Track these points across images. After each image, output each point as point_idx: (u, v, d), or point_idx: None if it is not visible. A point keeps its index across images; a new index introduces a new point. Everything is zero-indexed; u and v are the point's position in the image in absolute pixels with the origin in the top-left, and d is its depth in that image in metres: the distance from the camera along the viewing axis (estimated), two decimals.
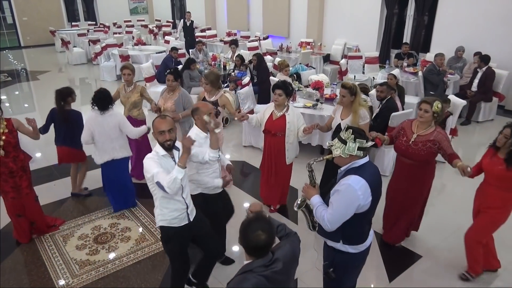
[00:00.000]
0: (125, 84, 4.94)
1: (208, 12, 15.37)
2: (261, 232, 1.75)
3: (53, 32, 15.13)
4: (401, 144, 3.47)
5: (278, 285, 1.81)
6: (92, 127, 4.05)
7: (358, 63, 9.13)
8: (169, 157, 2.73)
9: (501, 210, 3.15)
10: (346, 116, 3.95)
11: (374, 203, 2.32)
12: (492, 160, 3.11)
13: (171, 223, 2.79)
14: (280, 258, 1.85)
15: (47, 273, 3.57)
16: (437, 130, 3.37)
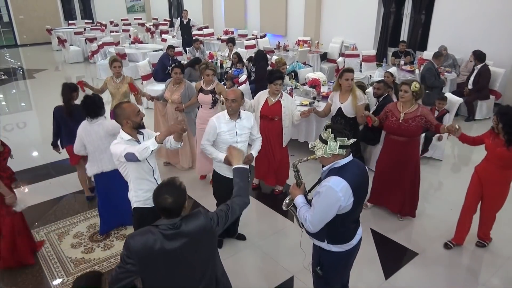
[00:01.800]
0: (114, 76, 5.11)
1: (206, 11, 15.34)
2: (167, 196, 1.93)
3: (50, 31, 15.07)
4: (392, 123, 3.86)
5: (178, 245, 1.94)
6: (82, 136, 3.74)
7: (355, 61, 9.11)
8: (135, 141, 2.84)
9: (504, 186, 3.52)
10: (345, 99, 4.29)
11: (357, 203, 2.30)
12: (494, 142, 3.40)
13: (146, 203, 2.92)
14: (188, 225, 1.98)
15: (42, 272, 3.55)
16: (420, 106, 3.81)
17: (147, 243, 1.91)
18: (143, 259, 1.92)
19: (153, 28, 14.70)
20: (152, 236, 1.92)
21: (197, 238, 2.00)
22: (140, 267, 1.93)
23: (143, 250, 1.90)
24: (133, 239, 1.93)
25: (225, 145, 3.28)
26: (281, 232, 4.15)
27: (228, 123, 3.43)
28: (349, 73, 4.21)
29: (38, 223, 4.28)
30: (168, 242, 1.93)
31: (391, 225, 4.21)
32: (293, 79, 7.01)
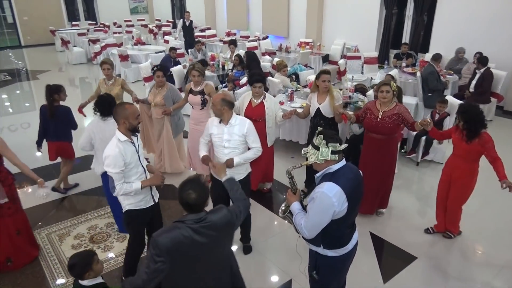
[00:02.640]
0: (105, 78, 5.15)
1: (208, 12, 15.38)
2: (191, 191, 2.01)
3: (53, 32, 15.16)
4: (370, 121, 3.95)
5: (206, 239, 2.02)
6: (93, 133, 3.78)
7: (357, 63, 9.12)
8: (129, 142, 2.90)
9: (470, 178, 3.69)
10: (323, 100, 4.33)
11: (352, 208, 2.30)
12: (459, 136, 3.60)
13: (138, 205, 3.02)
14: (213, 219, 2.07)
15: (42, 272, 3.58)
16: (398, 105, 3.90)
17: (176, 238, 1.96)
18: (173, 255, 1.96)
19: (156, 30, 14.75)
20: (179, 231, 1.98)
21: (222, 231, 2.10)
22: (170, 263, 1.96)
23: (172, 246, 1.95)
24: (161, 237, 1.96)
25: (216, 148, 3.46)
26: (280, 234, 4.16)
27: (218, 127, 3.40)
28: (326, 74, 4.27)
29: (39, 224, 4.32)
30: (197, 235, 1.99)
31: (391, 229, 4.21)
32: (294, 81, 7.03)
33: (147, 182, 2.94)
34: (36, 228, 4.21)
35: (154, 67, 4.99)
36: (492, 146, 3.48)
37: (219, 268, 2.19)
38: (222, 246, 2.16)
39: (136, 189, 2.87)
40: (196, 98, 4.74)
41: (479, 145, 3.48)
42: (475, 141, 3.48)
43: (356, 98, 5.94)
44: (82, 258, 2.43)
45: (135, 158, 2.94)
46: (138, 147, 3.00)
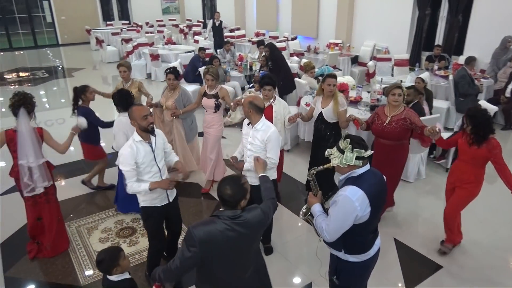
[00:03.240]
0: (123, 80, 5.19)
1: (238, 12, 15.48)
2: (228, 187, 2.11)
3: (89, 31, 15.70)
4: (377, 126, 3.89)
5: (238, 236, 2.08)
6: (126, 131, 3.87)
7: (387, 65, 8.93)
8: (145, 142, 2.98)
9: (475, 184, 3.54)
10: (326, 104, 4.26)
11: (375, 214, 2.28)
12: (465, 141, 3.48)
13: (152, 203, 3.11)
14: (247, 217, 2.13)
15: (71, 264, 3.73)
16: (406, 109, 3.83)
17: (210, 232, 2.04)
18: (206, 247, 2.03)
19: (186, 30, 14.99)
20: (214, 225, 2.06)
21: (254, 230, 2.17)
22: (203, 254, 2.04)
23: (206, 238, 2.03)
24: (196, 229, 2.05)
25: (243, 147, 3.53)
26: (302, 237, 4.15)
27: (247, 128, 3.48)
28: (331, 78, 4.18)
29: (71, 216, 4.51)
30: (230, 231, 2.06)
31: (416, 236, 4.12)
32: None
33: (155, 185, 2.96)
34: (68, 220, 4.40)
35: (166, 70, 4.88)
36: (500, 152, 3.36)
37: (248, 266, 2.25)
38: (252, 244, 2.23)
39: (143, 190, 2.93)
40: (210, 101, 4.69)
41: (486, 150, 3.35)
42: (483, 146, 3.36)
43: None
44: (109, 254, 2.53)
45: (150, 158, 3.00)
46: (155, 147, 3.04)
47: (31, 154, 3.44)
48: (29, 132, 3.43)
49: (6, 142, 3.50)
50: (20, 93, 3.48)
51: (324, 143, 4.33)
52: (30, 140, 3.43)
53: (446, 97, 7.07)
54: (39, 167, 3.53)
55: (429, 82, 6.81)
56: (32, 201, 3.66)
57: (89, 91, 4.61)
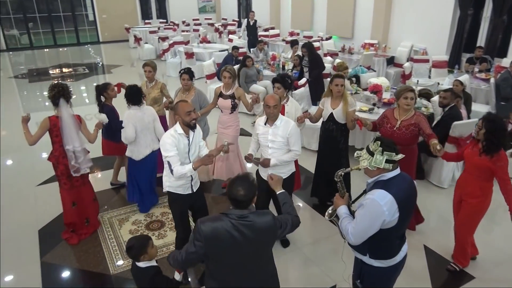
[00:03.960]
0: (147, 81, 5.16)
1: (273, 12, 15.48)
2: (240, 188, 2.08)
3: (128, 29, 16.20)
4: (387, 130, 3.78)
5: (243, 237, 2.05)
6: (135, 123, 4.09)
7: (424, 66, 8.66)
8: (185, 136, 3.15)
9: (481, 199, 3.30)
10: (337, 105, 4.19)
11: (403, 219, 2.21)
12: (472, 151, 3.28)
13: (176, 190, 3.25)
14: (255, 220, 2.09)
15: (102, 253, 3.88)
16: (416, 114, 3.72)
17: (216, 229, 2.05)
18: (211, 243, 2.05)
19: (221, 28, 15.15)
20: (221, 223, 2.07)
21: (262, 235, 2.11)
22: (207, 249, 2.07)
23: (211, 234, 2.05)
24: (204, 224, 2.08)
25: (261, 147, 3.59)
26: (328, 238, 4.11)
27: (264, 127, 3.48)
28: (339, 79, 4.11)
29: (105, 207, 4.69)
30: (235, 232, 2.05)
31: (448, 243, 3.97)
32: (354, 83, 6.86)
33: (198, 163, 3.09)
34: (102, 211, 4.58)
35: (181, 70, 4.74)
36: (505, 166, 3.12)
37: (253, 272, 2.19)
38: (260, 250, 2.17)
39: (189, 170, 3.04)
40: (226, 102, 4.63)
41: (491, 161, 3.11)
42: (488, 157, 3.11)
43: (420, 104, 5.66)
44: (138, 241, 2.66)
45: (185, 150, 3.17)
46: (191, 142, 3.20)
47: (76, 139, 3.73)
48: (71, 119, 3.70)
49: (50, 127, 3.69)
50: (59, 85, 3.71)
51: (335, 145, 4.31)
52: (74, 127, 3.72)
53: (486, 101, 6.77)
54: (83, 150, 3.84)
55: (469, 85, 6.54)
56: (70, 185, 3.89)
57: (110, 88, 4.66)
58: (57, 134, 3.71)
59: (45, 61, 15.00)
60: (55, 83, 3.74)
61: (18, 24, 17.23)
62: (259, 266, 2.21)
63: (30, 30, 17.43)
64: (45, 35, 17.88)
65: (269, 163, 3.47)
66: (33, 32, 17.56)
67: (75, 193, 3.96)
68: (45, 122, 3.68)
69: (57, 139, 3.73)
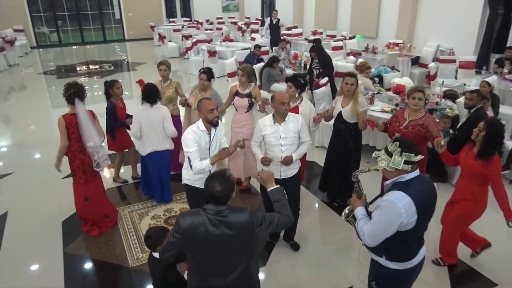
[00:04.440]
0: (162, 79, 5.12)
1: (296, 10, 15.42)
2: (217, 184, 2.09)
3: (153, 27, 16.46)
4: (394, 128, 3.78)
5: (219, 232, 2.07)
6: (141, 119, 4.23)
7: (451, 67, 8.44)
8: (207, 133, 3.25)
9: (471, 203, 3.26)
10: (347, 104, 4.16)
11: (421, 222, 2.17)
12: (467, 154, 3.27)
13: (194, 183, 3.35)
14: (231, 216, 2.09)
15: (122, 246, 3.98)
16: (426, 115, 3.67)
17: (194, 223, 2.09)
18: (188, 236, 2.10)
19: (244, 27, 15.20)
20: (199, 217, 2.10)
21: (237, 231, 2.10)
22: (184, 242, 2.13)
23: (189, 229, 2.09)
24: (183, 218, 2.13)
25: (271, 147, 3.48)
26: (345, 239, 4.07)
27: (273, 126, 3.44)
28: (350, 77, 4.08)
29: (127, 199, 4.81)
30: (212, 227, 2.07)
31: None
32: (377, 83, 6.76)
33: (215, 158, 3.17)
34: (123, 205, 4.70)
35: (200, 69, 4.75)
36: (497, 170, 3.09)
37: (230, 266, 2.17)
38: (236, 246, 2.14)
39: (206, 165, 3.13)
40: (243, 101, 4.61)
41: (482, 165, 3.09)
42: (482, 161, 3.09)
43: (444, 105, 5.54)
44: (156, 232, 2.76)
45: (206, 147, 3.25)
46: (212, 139, 3.28)
47: (95, 135, 3.85)
48: (88, 118, 3.80)
49: (66, 125, 3.76)
50: (74, 85, 3.76)
51: (344, 144, 4.29)
52: (91, 124, 3.82)
53: None
54: (100, 145, 3.93)
55: (497, 86, 6.34)
56: (84, 179, 3.97)
57: (116, 86, 4.70)
58: (73, 131, 3.78)
59: (73, 58, 15.42)
60: (71, 83, 3.80)
61: (48, 22, 17.79)
62: (236, 263, 2.18)
63: (59, 28, 17.96)
64: (73, 32, 18.38)
65: (292, 159, 3.45)
66: (62, 29, 18.08)
67: (88, 188, 4.00)
68: (61, 122, 3.76)
69: (73, 136, 3.79)
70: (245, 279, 2.22)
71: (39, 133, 7.31)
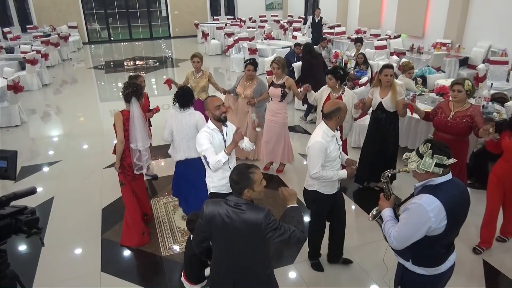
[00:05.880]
0: (194, 71, 5.51)
1: (340, 9, 15.15)
2: (234, 174, 2.23)
3: (197, 25, 16.83)
4: (440, 119, 3.92)
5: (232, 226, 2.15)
6: (172, 124, 4.06)
7: (502, 68, 7.95)
8: (218, 131, 3.22)
9: None
10: (385, 94, 4.40)
11: (451, 228, 2.08)
12: (511, 140, 3.42)
13: (221, 189, 3.22)
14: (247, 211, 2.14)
15: (156, 235, 4.13)
16: (472, 106, 3.85)
17: (213, 212, 2.21)
18: (209, 223, 2.22)
19: (286, 25, 15.16)
20: (219, 207, 2.20)
21: (247, 229, 2.14)
22: (206, 229, 2.26)
23: (209, 217, 2.21)
24: (207, 205, 2.26)
25: (332, 162, 3.10)
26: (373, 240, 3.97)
27: (332, 138, 3.09)
28: (388, 69, 4.33)
29: (160, 193, 4.98)
30: (226, 218, 2.16)
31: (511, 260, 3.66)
32: (420, 84, 6.52)
33: (229, 147, 3.09)
34: (160, 196, 4.88)
35: (246, 60, 5.18)
36: None
37: (240, 261, 2.26)
38: (245, 241, 2.19)
39: (222, 156, 3.04)
40: (277, 90, 4.95)
41: None
42: None
43: (492, 109, 5.25)
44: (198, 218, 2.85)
45: (221, 146, 3.18)
46: (226, 137, 3.23)
47: (140, 139, 3.76)
48: (140, 119, 3.75)
49: (123, 121, 3.74)
50: (133, 85, 3.78)
51: (385, 131, 4.52)
52: (140, 126, 3.75)
53: None
54: (147, 149, 3.89)
55: None
56: (132, 177, 3.95)
57: (140, 80, 4.71)
58: (126, 129, 3.76)
59: (121, 54, 16.13)
60: (130, 82, 3.82)
61: (99, 19, 18.72)
62: (241, 257, 2.25)
63: (110, 25, 18.84)
64: (122, 29, 19.21)
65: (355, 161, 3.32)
66: (112, 26, 18.95)
67: (134, 185, 4.01)
68: (119, 116, 3.74)
69: (126, 133, 3.77)
70: (250, 274, 2.30)
71: (87, 125, 7.74)
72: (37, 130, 7.62)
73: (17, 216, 2.00)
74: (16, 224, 1.99)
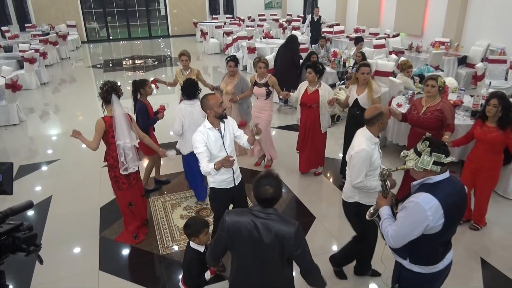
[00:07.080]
0: (183, 68, 5.63)
1: (339, 7, 15.16)
2: (269, 187, 2.06)
3: (196, 24, 16.82)
4: (413, 116, 4.09)
5: (259, 237, 2.06)
6: (183, 117, 4.16)
7: (501, 67, 7.97)
8: (215, 129, 3.18)
9: (495, 170, 3.80)
10: (362, 91, 4.49)
11: (449, 226, 2.08)
12: (482, 130, 3.70)
13: (220, 185, 3.30)
14: (278, 223, 2.06)
15: (154, 234, 4.13)
16: (442, 100, 4.00)
17: (239, 222, 2.12)
18: (231, 234, 2.13)
19: (285, 24, 15.15)
20: (245, 218, 2.11)
21: (275, 240, 2.05)
22: (227, 239, 2.16)
23: (232, 227, 2.13)
24: (229, 215, 2.17)
25: (375, 171, 2.91)
26: None
27: (376, 146, 2.94)
28: (365, 67, 4.42)
29: (158, 192, 4.97)
30: (254, 229, 2.07)
31: (508, 259, 3.66)
32: (418, 83, 6.51)
33: (218, 164, 2.94)
34: (157, 194, 4.88)
35: (227, 58, 5.27)
36: None
37: (263, 272, 2.15)
38: (270, 253, 2.09)
39: (211, 169, 2.94)
40: (261, 90, 5.10)
41: (504, 135, 3.56)
42: (501, 132, 3.55)
43: None
44: (196, 224, 2.83)
45: (219, 143, 3.17)
46: (224, 134, 3.19)
47: (127, 135, 3.63)
48: (123, 116, 3.63)
49: (106, 129, 3.59)
50: (110, 82, 3.62)
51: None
52: (126, 123, 3.64)
53: None
54: (131, 148, 3.72)
55: None
56: (128, 184, 3.83)
57: (148, 85, 4.57)
58: (113, 135, 3.61)
59: (120, 52, 16.10)
60: (105, 81, 3.66)
61: (98, 18, 18.68)
62: (268, 268, 2.14)
63: (108, 23, 18.81)
64: (121, 28, 19.19)
65: None
66: (110, 25, 18.94)
67: (131, 192, 3.91)
68: (101, 124, 3.58)
69: (113, 140, 3.63)
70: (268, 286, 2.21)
71: (85, 124, 7.71)
72: (36, 128, 7.62)
73: (14, 234, 1.81)
74: (14, 243, 1.80)
